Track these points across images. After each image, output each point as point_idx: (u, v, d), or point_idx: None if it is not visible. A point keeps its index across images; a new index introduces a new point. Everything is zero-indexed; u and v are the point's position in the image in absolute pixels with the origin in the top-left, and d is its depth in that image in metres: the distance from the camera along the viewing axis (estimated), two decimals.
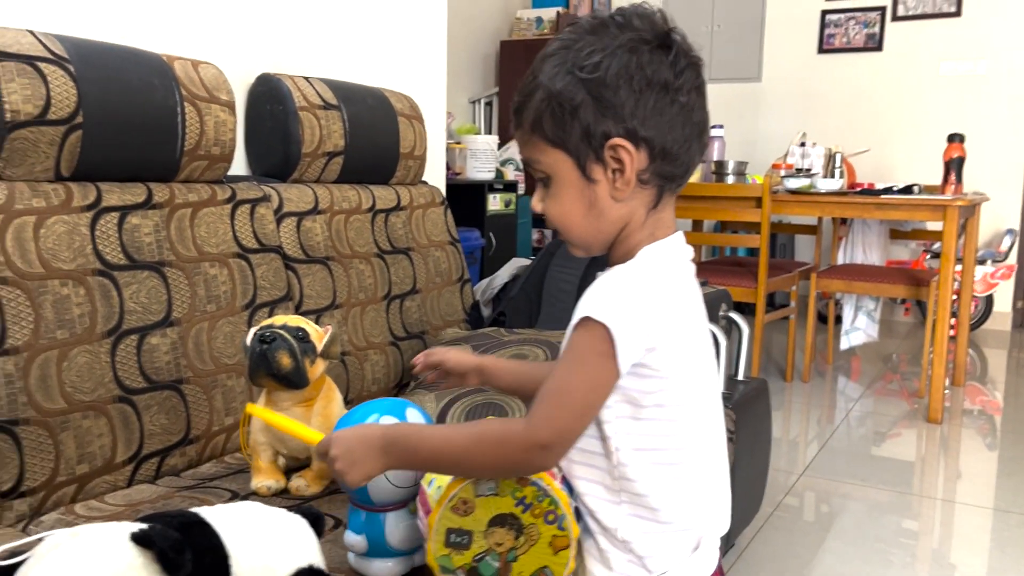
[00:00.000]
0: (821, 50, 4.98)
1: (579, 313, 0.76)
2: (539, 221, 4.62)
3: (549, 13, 4.80)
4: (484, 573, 0.80)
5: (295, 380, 1.11)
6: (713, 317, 1.88)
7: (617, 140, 0.77)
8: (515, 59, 4.88)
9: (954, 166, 3.16)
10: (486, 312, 1.99)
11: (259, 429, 1.17)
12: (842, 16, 4.92)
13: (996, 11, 4.54)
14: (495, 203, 4.06)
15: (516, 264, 2.10)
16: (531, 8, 5.01)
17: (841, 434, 2.87)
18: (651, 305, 0.77)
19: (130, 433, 1.21)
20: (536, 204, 0.84)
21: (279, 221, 1.55)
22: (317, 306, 1.58)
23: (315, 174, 1.68)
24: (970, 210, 3.32)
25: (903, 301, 4.89)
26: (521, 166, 4.47)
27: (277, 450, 1.18)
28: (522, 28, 4.93)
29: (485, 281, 2.08)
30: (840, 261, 3.91)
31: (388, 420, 0.90)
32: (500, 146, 4.34)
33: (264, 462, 1.18)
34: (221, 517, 0.72)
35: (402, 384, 1.74)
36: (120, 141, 1.27)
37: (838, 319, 3.94)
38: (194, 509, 0.72)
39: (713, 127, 3.64)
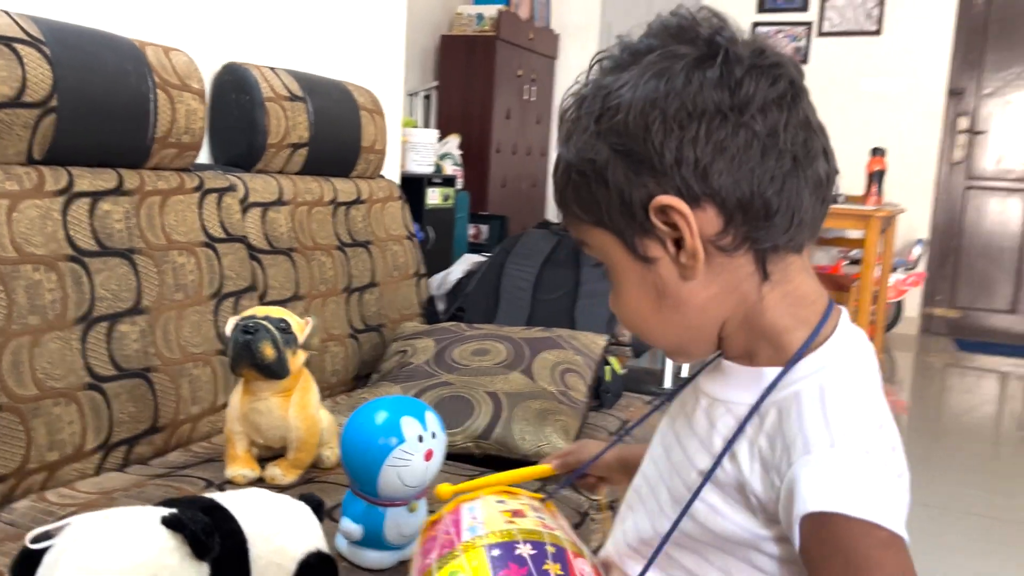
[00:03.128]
0: None
1: (806, 504, 0.53)
2: (476, 216, 4.66)
3: (491, 10, 4.84)
4: None
5: (277, 371, 1.12)
6: None
7: (661, 200, 0.57)
8: (455, 54, 4.90)
9: (876, 178, 3.34)
10: (440, 307, 2.02)
11: (235, 418, 1.18)
12: (772, 29, 5.11)
13: (913, 32, 4.79)
14: (434, 197, 4.08)
15: (469, 260, 2.13)
16: (472, 4, 5.03)
17: None
18: (893, 458, 0.58)
19: (99, 421, 1.21)
20: (610, 303, 0.67)
21: (244, 211, 1.55)
22: (280, 297, 1.59)
23: (279, 165, 1.68)
24: (889, 220, 3.51)
25: None
26: (460, 161, 4.51)
27: (252, 439, 1.19)
28: (462, 23, 4.95)
29: (439, 276, 2.11)
30: None
31: (409, 421, 0.94)
32: (439, 140, 4.35)
33: (239, 451, 1.19)
34: (235, 502, 0.74)
35: (360, 376, 1.75)
36: (93, 126, 1.26)
37: None
38: (207, 495, 0.74)
39: None
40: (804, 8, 5.04)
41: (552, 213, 5.61)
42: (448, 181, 4.17)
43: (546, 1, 5.49)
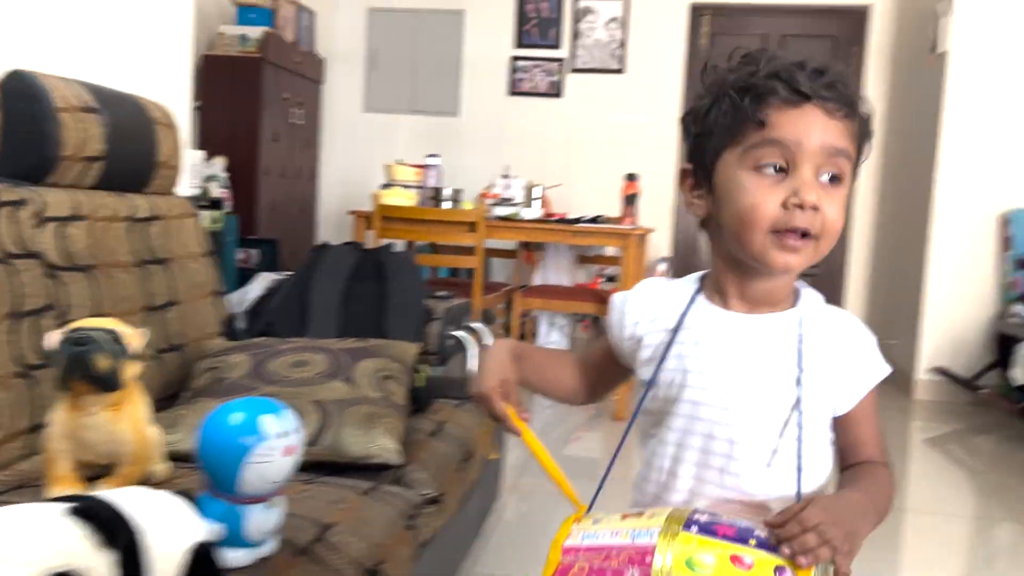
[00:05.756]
0: (511, 92, 5.49)
1: (877, 375, 0.88)
2: (246, 241, 4.53)
3: (256, 32, 4.75)
4: None
5: (112, 383, 1.09)
6: (460, 325, 2.08)
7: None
8: (218, 74, 4.75)
9: (631, 201, 3.71)
10: (241, 325, 1.99)
11: (58, 436, 1.13)
12: (529, 63, 5.47)
13: (651, 71, 5.35)
14: (201, 220, 3.93)
15: (267, 278, 2.12)
16: (235, 24, 4.91)
17: (538, 436, 3.22)
18: None
19: None
20: (821, 200, 0.81)
21: (39, 226, 1.46)
22: (80, 316, 1.50)
23: (73, 178, 1.60)
24: (643, 239, 3.90)
25: (583, 318, 5.51)
26: (227, 183, 4.37)
27: (77, 457, 1.14)
28: (225, 43, 4.82)
29: (236, 294, 2.08)
30: (536, 283, 4.34)
31: (268, 419, 0.96)
32: (204, 161, 4.20)
33: (63, 470, 1.13)
34: (120, 498, 0.73)
35: (166, 397, 1.69)
36: None
37: (533, 334, 4.37)
38: (91, 493, 0.73)
39: (430, 156, 3.89)
40: (556, 46, 5.45)
41: (324, 235, 5.58)
42: (215, 204, 4.03)
43: (310, 25, 5.48)
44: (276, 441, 0.98)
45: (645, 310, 0.94)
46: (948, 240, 4.10)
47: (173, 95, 2.21)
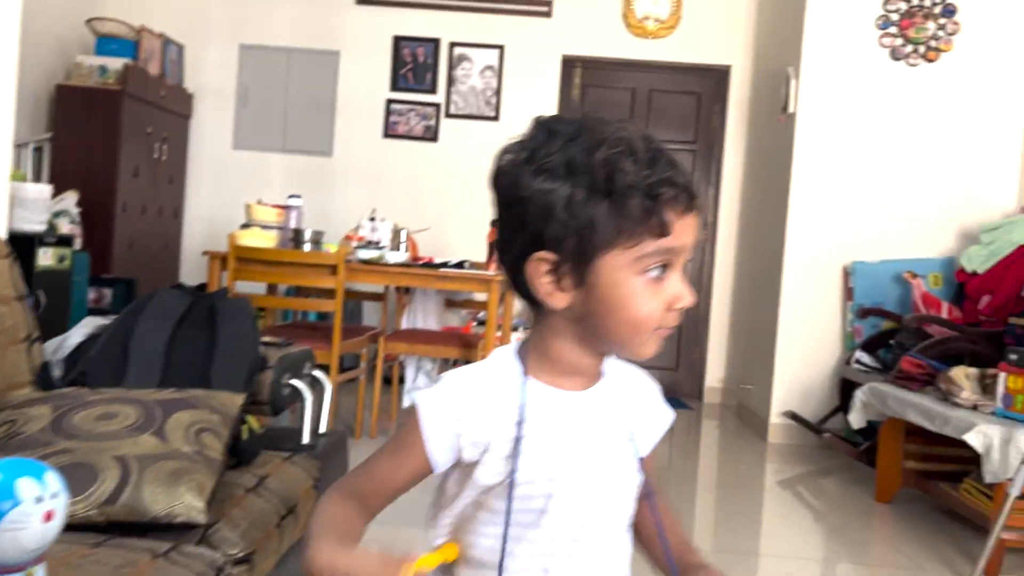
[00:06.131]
0: (386, 135, 5.47)
1: (668, 417, 0.97)
2: (99, 280, 4.31)
3: (116, 63, 4.58)
4: None
5: None
6: (299, 374, 2.01)
7: None
8: (73, 106, 4.55)
9: (496, 247, 3.73)
10: (57, 373, 1.87)
11: None
12: (404, 107, 5.48)
13: (525, 120, 5.41)
14: (47, 258, 3.72)
15: (91, 323, 2.00)
16: (93, 55, 4.72)
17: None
18: None
19: None
20: (689, 292, 0.84)
21: None
22: None
23: None
24: (507, 284, 3.92)
25: (455, 361, 5.48)
26: (78, 219, 4.16)
27: None
28: (82, 74, 4.62)
29: (55, 340, 1.95)
30: (404, 327, 4.29)
31: (26, 482, 0.89)
32: (53, 196, 3.98)
33: None
34: None
35: None
36: None
37: (401, 379, 4.31)
38: None
39: (291, 196, 3.81)
40: (433, 91, 5.49)
41: (186, 276, 5.37)
42: (64, 241, 3.82)
43: (178, 59, 5.33)
44: (33, 506, 0.91)
45: (477, 410, 0.85)
46: (797, 290, 4.30)
47: None
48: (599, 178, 0.79)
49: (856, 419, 3.30)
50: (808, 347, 4.31)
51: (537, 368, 0.87)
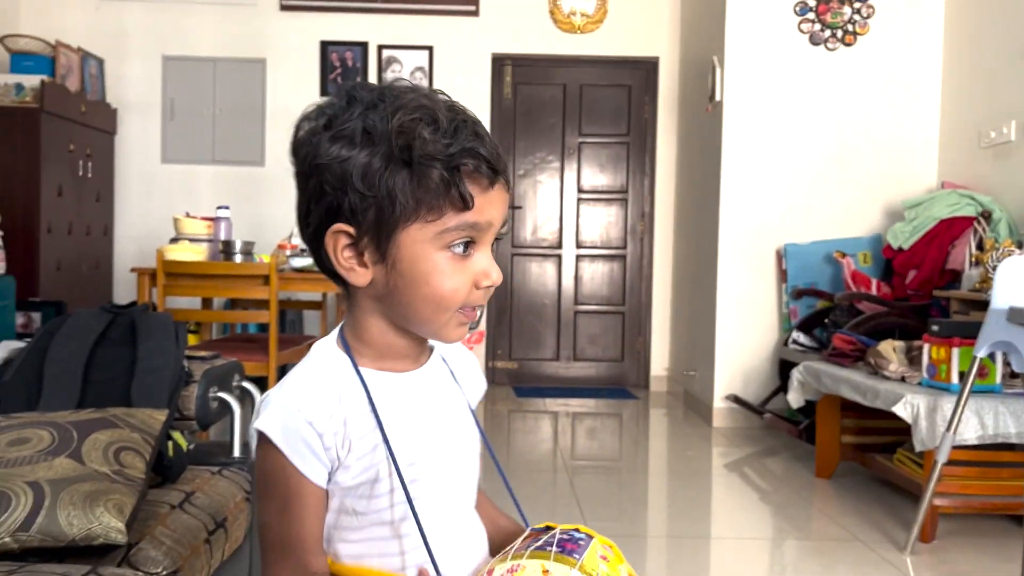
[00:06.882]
0: None
1: (483, 387, 0.97)
2: (27, 304, 4.18)
3: (32, 80, 4.45)
4: None
5: None
6: (227, 387, 1.98)
7: None
8: None
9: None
10: None
11: None
12: None
13: None
14: None
15: (8, 347, 1.94)
16: (8, 72, 4.58)
17: None
18: None
19: None
20: (496, 269, 0.82)
21: None
22: None
23: None
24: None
25: None
26: (1, 243, 4.02)
27: None
28: None
29: None
30: None
31: None
32: None
33: None
34: None
35: None
36: None
37: None
38: None
39: (220, 208, 3.74)
40: None
41: (119, 295, 5.25)
42: None
43: (99, 74, 5.20)
44: None
45: (323, 410, 0.80)
46: (733, 275, 4.37)
47: None
48: (396, 145, 0.75)
49: (794, 399, 3.37)
50: (747, 331, 4.38)
51: (361, 355, 0.84)
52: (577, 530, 0.83)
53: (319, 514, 0.81)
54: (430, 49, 5.43)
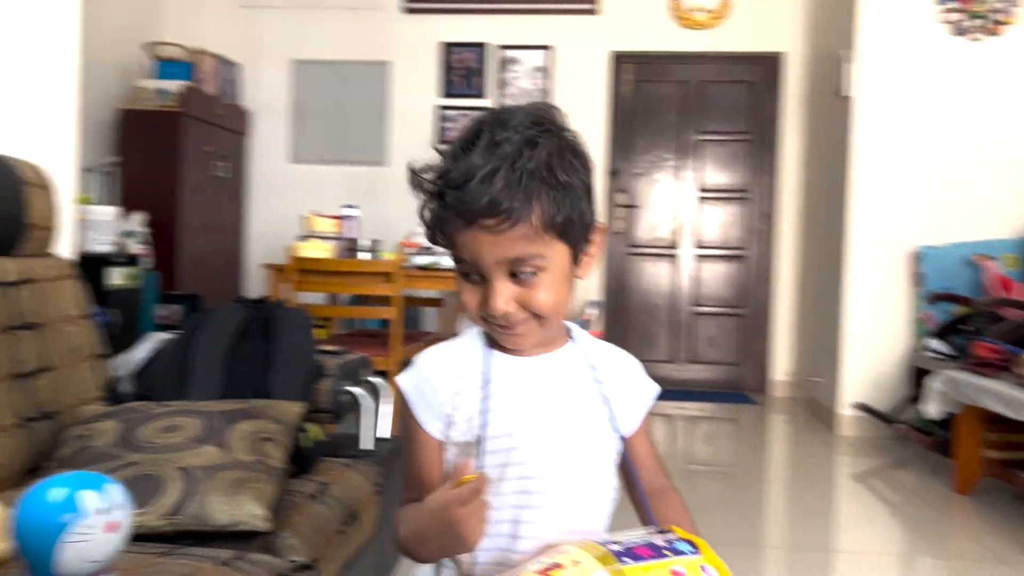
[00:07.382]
0: (440, 141, 5.51)
1: (651, 393, 1.02)
2: (168, 297, 4.43)
3: (175, 85, 4.71)
4: None
5: None
6: (357, 381, 2.03)
7: (600, 224, 0.94)
8: (136, 128, 4.69)
9: None
10: (128, 389, 1.92)
11: None
12: (455, 112, 5.51)
13: (575, 121, 5.38)
14: (116, 277, 3.84)
15: (156, 339, 2.06)
16: (153, 78, 4.87)
17: None
18: None
19: None
20: (508, 303, 0.86)
21: None
22: None
23: None
24: None
25: None
26: (148, 239, 4.28)
27: None
28: (144, 98, 4.77)
29: (124, 357, 2.01)
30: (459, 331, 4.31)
31: (88, 494, 0.92)
32: (122, 217, 4.11)
33: None
34: None
35: (36, 468, 1.62)
36: None
37: None
38: None
39: (346, 207, 3.86)
40: (481, 95, 5.51)
41: (249, 289, 5.50)
42: (133, 260, 3.95)
43: (233, 79, 5.46)
44: (96, 518, 0.93)
45: (445, 378, 0.94)
46: (863, 278, 4.19)
47: (57, 153, 2.16)
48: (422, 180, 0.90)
49: (933, 409, 3.19)
50: (877, 336, 4.18)
51: (493, 341, 0.95)
52: (691, 542, 0.84)
53: (432, 458, 0.95)
54: (550, 48, 5.44)
